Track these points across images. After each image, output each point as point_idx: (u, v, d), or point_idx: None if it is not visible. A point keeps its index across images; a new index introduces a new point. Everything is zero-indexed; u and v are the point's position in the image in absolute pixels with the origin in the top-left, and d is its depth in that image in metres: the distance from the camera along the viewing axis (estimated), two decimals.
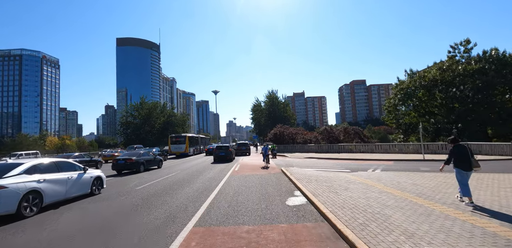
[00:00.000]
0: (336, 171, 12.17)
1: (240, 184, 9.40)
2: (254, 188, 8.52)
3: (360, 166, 14.13)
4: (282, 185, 8.84)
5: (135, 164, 14.56)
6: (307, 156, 20.78)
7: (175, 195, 7.89)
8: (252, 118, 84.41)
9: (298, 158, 19.75)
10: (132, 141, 66.98)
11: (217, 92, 61.59)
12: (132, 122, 67.46)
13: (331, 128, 26.11)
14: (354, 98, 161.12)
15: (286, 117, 76.06)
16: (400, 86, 25.98)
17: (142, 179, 11.71)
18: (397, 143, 21.39)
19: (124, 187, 9.67)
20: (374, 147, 22.40)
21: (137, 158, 14.94)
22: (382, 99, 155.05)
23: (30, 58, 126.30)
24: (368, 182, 8.33)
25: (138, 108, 70.37)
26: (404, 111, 29.03)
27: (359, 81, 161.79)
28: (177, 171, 14.71)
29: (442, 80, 22.84)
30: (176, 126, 72.82)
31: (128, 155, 15.56)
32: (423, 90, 24.59)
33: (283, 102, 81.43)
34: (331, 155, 20.30)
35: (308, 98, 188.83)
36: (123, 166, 14.53)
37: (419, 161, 15.42)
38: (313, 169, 12.72)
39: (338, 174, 10.39)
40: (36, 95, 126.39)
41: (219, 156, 20.01)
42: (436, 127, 24.08)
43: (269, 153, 16.17)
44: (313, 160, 18.06)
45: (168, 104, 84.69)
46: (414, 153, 19.50)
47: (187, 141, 30.99)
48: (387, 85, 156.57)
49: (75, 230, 4.80)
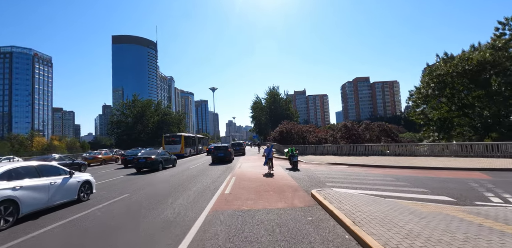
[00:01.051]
0: (421, 197, 6.65)
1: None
2: None
3: (442, 182, 8.44)
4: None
5: (154, 162, 15.15)
6: (329, 160, 15.67)
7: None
8: (252, 116, 79.25)
9: (319, 165, 14.58)
10: (123, 142, 62.39)
11: (215, 89, 58.22)
12: (123, 121, 62.62)
13: (352, 124, 21.03)
14: (357, 96, 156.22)
15: (288, 115, 70.96)
16: (436, 72, 20.93)
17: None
18: (455, 143, 16.45)
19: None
20: (413, 148, 16.89)
21: (157, 157, 15.50)
22: (387, 96, 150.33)
23: (21, 55, 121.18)
24: None
25: (130, 106, 65.69)
26: (435, 103, 24.10)
27: (363, 78, 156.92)
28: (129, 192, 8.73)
29: (494, 62, 18.00)
30: (171, 125, 68.12)
31: (147, 154, 16.13)
32: (464, 78, 19.75)
33: (285, 99, 76.51)
34: (362, 160, 15.15)
35: (310, 97, 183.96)
36: (143, 164, 15.05)
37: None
38: (367, 193, 7.15)
39: (456, 223, 4.28)
40: (27, 94, 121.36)
41: (217, 157, 19.07)
42: (484, 122, 19.21)
43: (272, 156, 12.48)
44: (343, 168, 12.87)
45: (163, 102, 79.77)
46: (477, 156, 14.17)
47: (183, 141, 28.97)
48: (391, 82, 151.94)
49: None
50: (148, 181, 11.40)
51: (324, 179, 10.05)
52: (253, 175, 12.17)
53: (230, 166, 15.97)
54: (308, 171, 12.53)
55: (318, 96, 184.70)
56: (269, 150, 12.38)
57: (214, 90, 58.11)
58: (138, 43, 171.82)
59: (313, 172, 12.00)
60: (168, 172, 14.66)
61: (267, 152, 12.31)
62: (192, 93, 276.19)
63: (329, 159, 16.87)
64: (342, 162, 14.87)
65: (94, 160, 23.35)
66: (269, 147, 12.79)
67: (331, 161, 15.42)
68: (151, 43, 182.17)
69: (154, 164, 15.03)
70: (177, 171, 14.98)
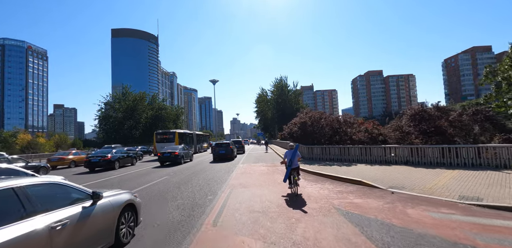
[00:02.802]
0: None
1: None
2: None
3: None
4: None
5: (178, 157, 16.80)
6: (452, 188, 6.69)
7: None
8: (257, 111, 70.83)
9: (434, 205, 5.85)
10: (112, 139, 55.15)
11: (216, 81, 51.26)
12: (111, 116, 55.23)
13: (438, 109, 12.03)
14: (369, 91, 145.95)
15: (298, 109, 62.41)
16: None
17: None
18: None
19: None
20: None
21: (180, 152, 17.17)
22: (402, 91, 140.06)
23: (13, 48, 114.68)
24: None
25: (120, 99, 58.26)
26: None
27: (375, 71, 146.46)
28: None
29: None
30: (167, 121, 60.55)
31: (172, 149, 17.57)
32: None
33: (294, 91, 67.91)
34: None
35: (318, 92, 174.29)
36: (167, 158, 16.83)
37: None
38: None
39: None
40: (20, 89, 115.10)
41: (219, 154, 19.00)
42: None
43: (298, 165, 7.09)
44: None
45: (159, 96, 72.17)
46: None
47: (177, 138, 26.12)
48: (407, 75, 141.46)
49: None
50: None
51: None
52: (260, 204, 6.08)
53: (233, 164, 11.80)
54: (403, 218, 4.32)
55: (327, 92, 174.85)
56: (293, 152, 7.04)
57: (215, 82, 51.33)
58: (139, 37, 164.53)
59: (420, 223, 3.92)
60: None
61: (289, 157, 7.02)
62: (195, 89, 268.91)
63: (429, 180, 8.15)
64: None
65: (59, 162, 19.71)
66: (292, 147, 7.30)
67: (462, 194, 6.37)
68: (152, 37, 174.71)
69: (178, 158, 16.71)
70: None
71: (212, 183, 9.43)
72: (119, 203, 3.84)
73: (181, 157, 17.00)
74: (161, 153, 17.11)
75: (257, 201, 6.47)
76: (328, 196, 6.74)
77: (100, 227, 3.40)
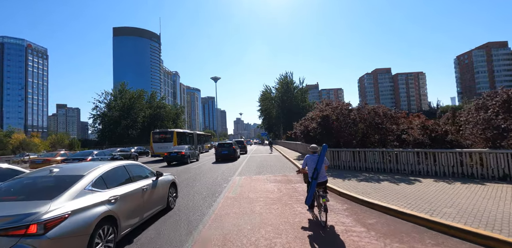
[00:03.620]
0: None
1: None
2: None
3: None
4: None
5: (185, 156, 17.27)
6: None
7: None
8: (261, 109, 66.65)
9: None
10: (107, 139, 51.95)
11: (217, 78, 48.31)
12: (106, 114, 51.91)
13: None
14: (377, 89, 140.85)
15: (304, 107, 58.30)
16: None
17: None
18: None
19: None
20: None
21: (186, 151, 17.62)
22: (411, 89, 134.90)
23: (13, 46, 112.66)
24: None
25: (116, 96, 54.99)
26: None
27: (383, 69, 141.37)
28: None
29: None
30: (165, 120, 57.14)
31: (178, 148, 18.01)
32: None
33: (300, 87, 63.67)
34: None
35: (323, 91, 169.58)
36: (174, 158, 17.26)
37: None
38: None
39: None
40: (20, 88, 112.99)
41: (221, 155, 18.71)
42: None
43: (327, 178, 4.13)
44: None
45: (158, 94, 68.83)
46: None
47: (175, 138, 24.68)
48: (416, 73, 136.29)
49: None
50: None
51: None
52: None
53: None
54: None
55: (333, 91, 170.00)
56: (319, 158, 4.14)
57: (216, 80, 48.44)
58: (140, 35, 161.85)
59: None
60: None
61: (312, 164, 4.28)
62: (198, 89, 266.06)
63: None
64: None
65: (45, 164, 17.37)
66: (315, 151, 4.49)
67: None
68: (153, 35, 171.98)
69: (184, 158, 17.29)
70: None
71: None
72: (168, 181, 6.23)
73: (187, 157, 17.52)
74: (168, 153, 17.57)
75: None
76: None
77: (160, 194, 5.64)
